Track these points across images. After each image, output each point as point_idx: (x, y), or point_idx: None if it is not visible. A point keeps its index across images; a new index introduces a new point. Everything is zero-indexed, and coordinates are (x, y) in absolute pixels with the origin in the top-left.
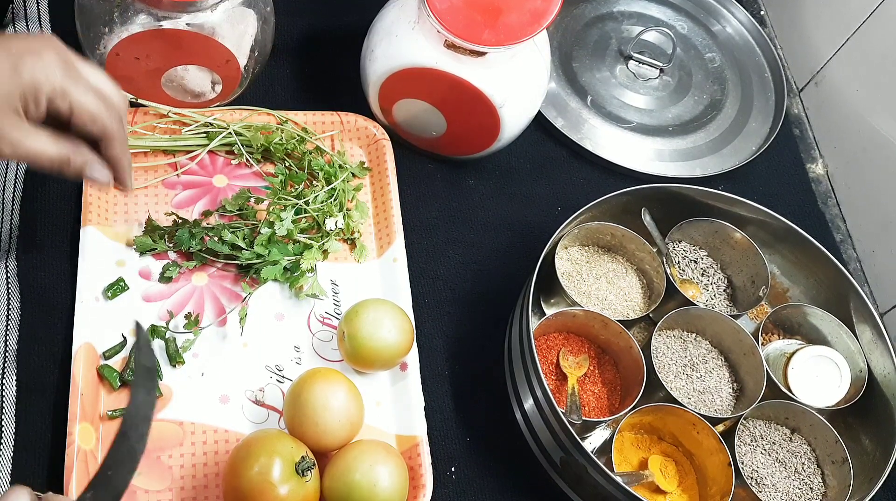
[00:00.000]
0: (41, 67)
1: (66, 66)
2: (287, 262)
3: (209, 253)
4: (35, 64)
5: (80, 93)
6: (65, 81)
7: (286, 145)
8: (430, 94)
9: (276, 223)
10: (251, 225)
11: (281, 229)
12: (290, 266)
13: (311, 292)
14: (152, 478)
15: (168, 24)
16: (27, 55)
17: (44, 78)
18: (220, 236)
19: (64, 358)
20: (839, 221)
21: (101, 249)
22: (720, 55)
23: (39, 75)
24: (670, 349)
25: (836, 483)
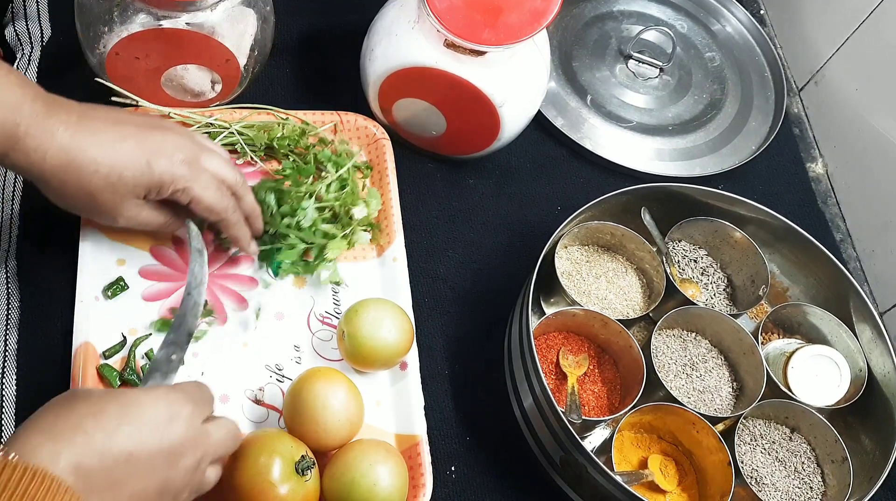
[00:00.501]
0: (169, 167)
1: (192, 164)
2: (303, 247)
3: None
4: (165, 164)
5: (201, 188)
6: (188, 180)
7: (289, 140)
8: (429, 93)
9: (299, 213)
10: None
11: (306, 219)
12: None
13: (333, 279)
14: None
15: (168, 24)
16: (160, 155)
17: (170, 178)
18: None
19: (64, 358)
20: (839, 220)
21: (101, 248)
22: (720, 54)
23: (167, 176)
24: (670, 348)
25: (836, 482)
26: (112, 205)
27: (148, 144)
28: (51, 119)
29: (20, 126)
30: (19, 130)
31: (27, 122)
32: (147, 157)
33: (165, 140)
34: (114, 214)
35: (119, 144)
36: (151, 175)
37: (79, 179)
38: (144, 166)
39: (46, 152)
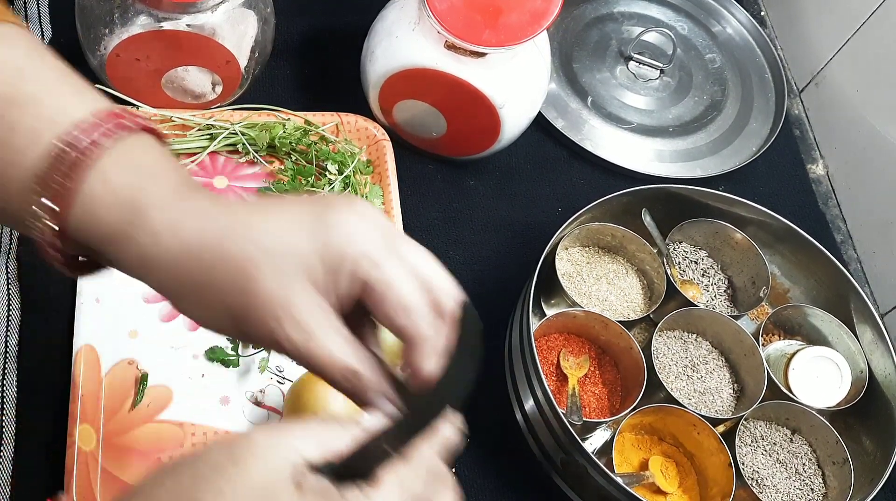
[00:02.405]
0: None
1: (387, 236)
2: None
3: None
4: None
5: (398, 272)
6: (381, 253)
7: (291, 139)
8: (430, 94)
9: None
10: None
11: None
12: None
13: None
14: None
15: (168, 25)
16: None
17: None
18: None
19: (64, 360)
20: (840, 221)
21: None
22: (720, 56)
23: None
24: (671, 349)
25: (837, 483)
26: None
27: (327, 212)
28: (193, 191)
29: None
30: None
31: (165, 193)
32: (325, 223)
33: (352, 208)
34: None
35: (287, 209)
36: (329, 245)
37: (226, 255)
38: (322, 233)
39: (184, 225)
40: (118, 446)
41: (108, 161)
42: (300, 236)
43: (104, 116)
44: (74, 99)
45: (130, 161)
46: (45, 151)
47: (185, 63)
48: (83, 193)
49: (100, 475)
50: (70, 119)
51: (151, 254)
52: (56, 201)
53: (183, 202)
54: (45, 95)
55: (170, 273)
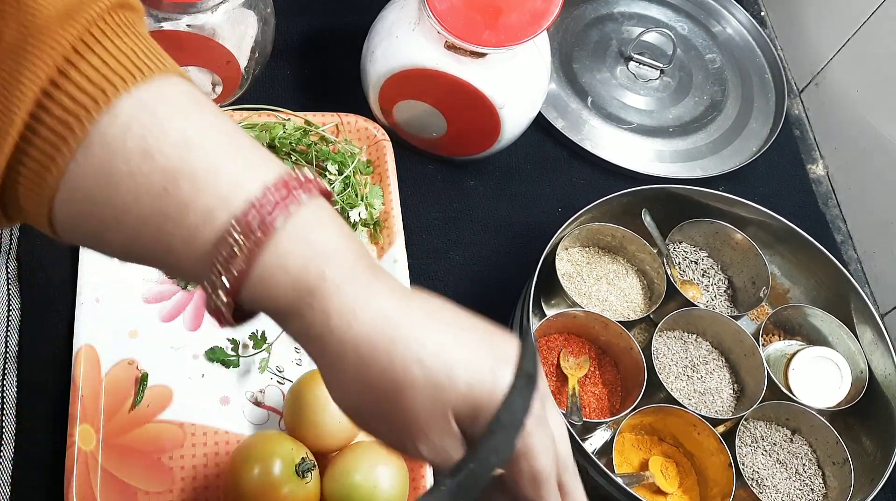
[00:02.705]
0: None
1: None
2: None
3: None
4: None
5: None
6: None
7: (291, 139)
8: (430, 95)
9: None
10: None
11: None
12: None
13: None
14: (153, 480)
15: (168, 26)
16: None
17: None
18: None
19: (64, 359)
20: (840, 221)
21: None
22: (720, 56)
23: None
24: (671, 349)
25: (837, 484)
26: (422, 418)
27: (497, 349)
28: (374, 280)
29: (329, 279)
30: (326, 283)
31: (341, 276)
32: (494, 364)
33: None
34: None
35: (460, 333)
36: (493, 389)
37: (389, 364)
38: (487, 372)
39: (357, 316)
40: (118, 446)
41: (283, 238)
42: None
43: (278, 188)
44: (246, 171)
45: (306, 238)
46: (219, 231)
47: (185, 63)
48: (257, 272)
49: (100, 475)
50: (243, 196)
51: (319, 336)
52: (230, 280)
53: (361, 293)
54: (216, 169)
55: (328, 357)
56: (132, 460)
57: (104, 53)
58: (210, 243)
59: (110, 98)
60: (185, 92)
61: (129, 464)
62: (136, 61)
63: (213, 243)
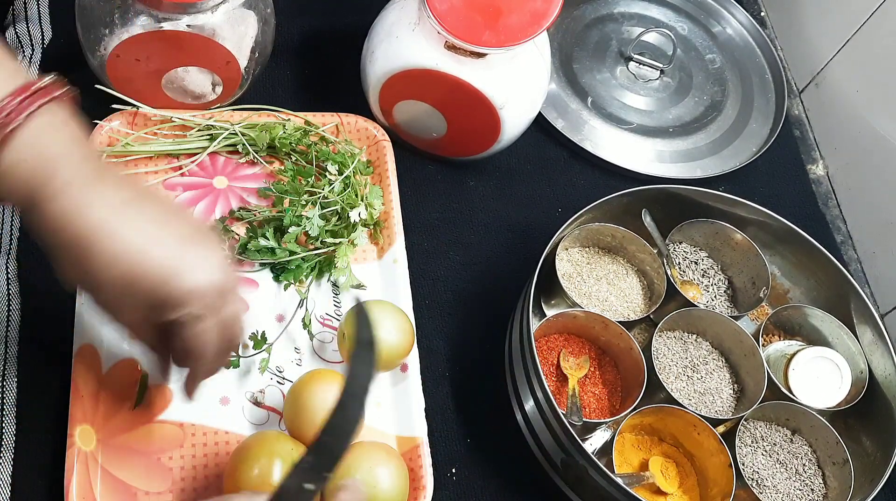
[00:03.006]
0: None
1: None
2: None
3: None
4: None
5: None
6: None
7: (291, 139)
8: (430, 95)
9: (303, 221)
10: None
11: (313, 229)
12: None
13: (352, 283)
14: (153, 480)
15: (168, 26)
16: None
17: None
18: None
19: (64, 360)
20: (840, 222)
21: None
22: (720, 56)
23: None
24: (671, 350)
25: (837, 484)
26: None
27: (181, 259)
28: (93, 188)
29: (56, 180)
30: (54, 184)
31: (66, 179)
32: (171, 271)
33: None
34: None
35: (150, 247)
36: (167, 295)
37: (89, 267)
38: (161, 283)
39: (70, 223)
40: (118, 446)
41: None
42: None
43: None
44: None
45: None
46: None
47: (185, 64)
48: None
49: (100, 475)
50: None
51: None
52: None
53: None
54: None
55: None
56: (132, 460)
57: None
58: None
59: None
60: None
61: (129, 464)
62: None
63: None
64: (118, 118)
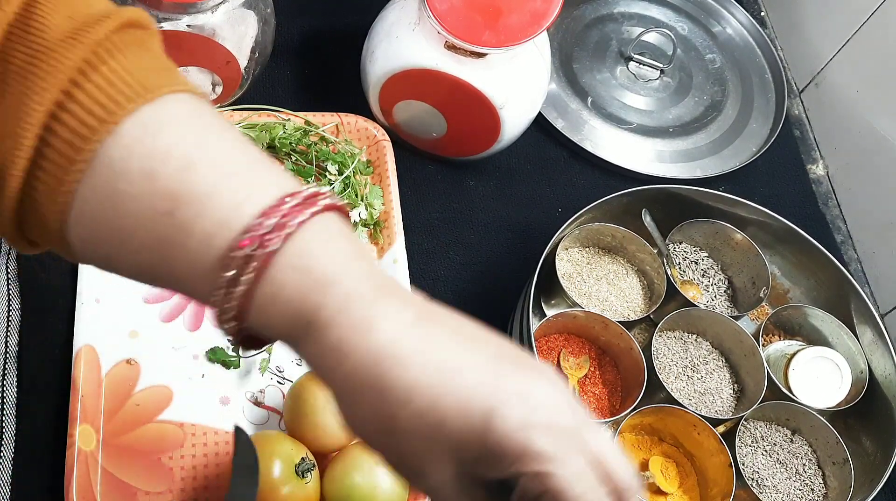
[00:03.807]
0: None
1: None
2: None
3: None
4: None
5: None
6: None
7: (291, 139)
8: (430, 95)
9: None
10: None
11: None
12: None
13: None
14: (153, 480)
15: (168, 26)
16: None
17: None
18: None
19: (64, 360)
20: (840, 222)
21: None
22: (720, 56)
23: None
24: (671, 350)
25: (838, 484)
26: (417, 459)
27: (499, 387)
28: (374, 310)
29: (322, 310)
30: (321, 316)
31: (338, 305)
32: (493, 404)
33: (530, 390)
34: (417, 471)
35: (456, 374)
36: (487, 438)
37: (380, 405)
38: (481, 420)
39: (349, 356)
40: (118, 446)
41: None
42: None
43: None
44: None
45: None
46: (219, 257)
47: (185, 64)
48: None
49: (100, 475)
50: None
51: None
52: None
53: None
54: (218, 192)
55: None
56: (132, 460)
57: (110, 73)
58: (211, 270)
59: (114, 119)
60: (191, 110)
61: (129, 464)
62: (143, 80)
63: (215, 270)
64: None
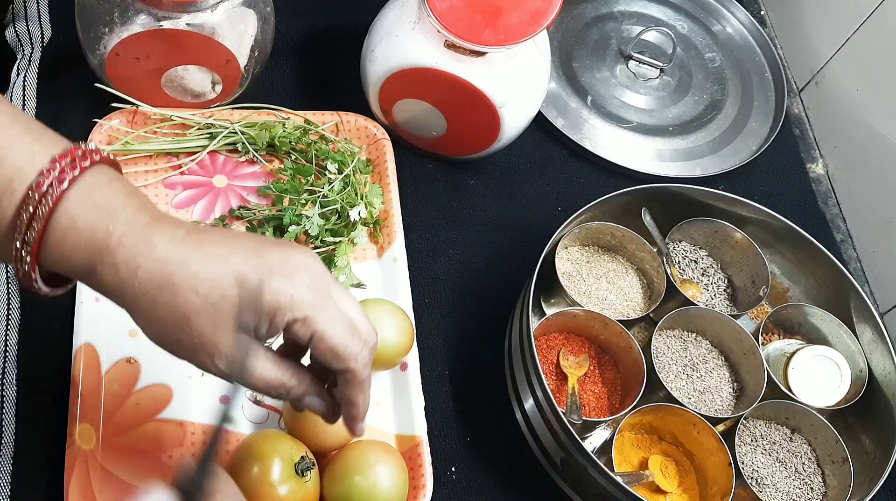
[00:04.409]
0: (288, 288)
1: (319, 290)
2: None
3: None
4: (282, 284)
5: (327, 321)
6: (312, 308)
7: (291, 138)
8: (430, 94)
9: (303, 220)
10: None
11: (312, 228)
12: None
13: (351, 282)
14: (152, 478)
15: (168, 25)
16: (277, 274)
17: (287, 301)
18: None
19: (64, 358)
20: (839, 220)
21: None
22: (720, 55)
23: (283, 298)
24: (670, 348)
25: (837, 483)
26: (209, 336)
27: (264, 261)
28: (153, 230)
29: (113, 235)
30: (111, 239)
31: (123, 230)
32: (260, 275)
33: (287, 258)
34: (211, 349)
35: (227, 258)
36: (263, 297)
37: (173, 299)
38: (255, 285)
39: (140, 266)
40: (118, 445)
41: (71, 202)
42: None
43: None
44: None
45: (91, 199)
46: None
47: (184, 62)
48: (54, 236)
49: (100, 473)
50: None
51: (114, 286)
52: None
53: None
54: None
55: (126, 303)
56: (132, 459)
57: None
58: (12, 213)
59: None
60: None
61: (129, 463)
62: None
63: (14, 213)
64: (118, 117)
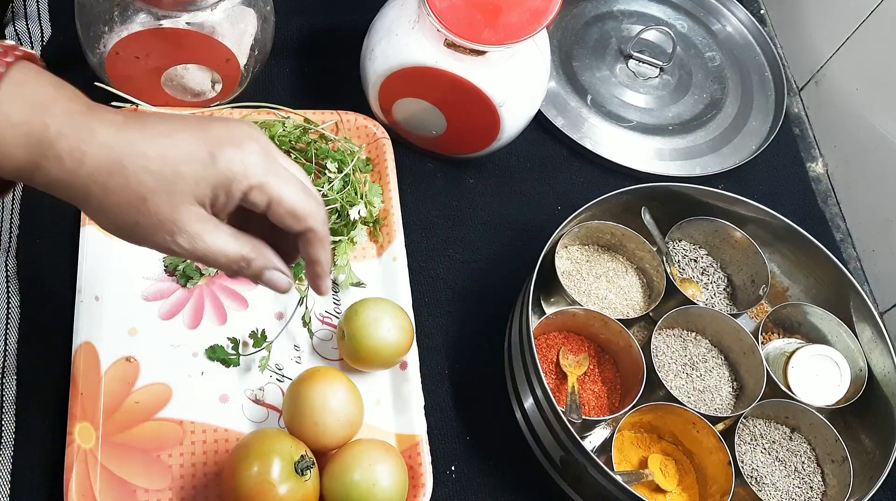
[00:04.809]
0: (239, 157)
1: (268, 157)
2: None
3: None
4: (233, 153)
5: (283, 184)
6: (265, 174)
7: (290, 137)
8: (430, 93)
9: None
10: None
11: None
12: None
13: (351, 281)
14: (152, 477)
15: (168, 23)
16: (227, 145)
17: (242, 170)
18: None
19: (64, 357)
20: (839, 220)
21: (101, 248)
22: (720, 54)
23: (237, 168)
24: (670, 347)
25: (836, 481)
26: (168, 214)
27: (210, 134)
28: (91, 117)
29: (51, 127)
30: (50, 131)
31: (60, 121)
32: (210, 148)
33: (232, 130)
34: (171, 227)
35: (174, 134)
36: (216, 168)
37: (125, 182)
38: (206, 158)
39: (85, 154)
40: (117, 444)
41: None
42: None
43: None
44: None
45: (21, 94)
46: None
47: (184, 61)
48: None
49: (99, 473)
50: None
51: (62, 180)
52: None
53: (82, 131)
54: None
55: (78, 196)
56: (131, 458)
57: None
58: None
59: None
60: None
61: (129, 462)
62: None
63: None
64: None
